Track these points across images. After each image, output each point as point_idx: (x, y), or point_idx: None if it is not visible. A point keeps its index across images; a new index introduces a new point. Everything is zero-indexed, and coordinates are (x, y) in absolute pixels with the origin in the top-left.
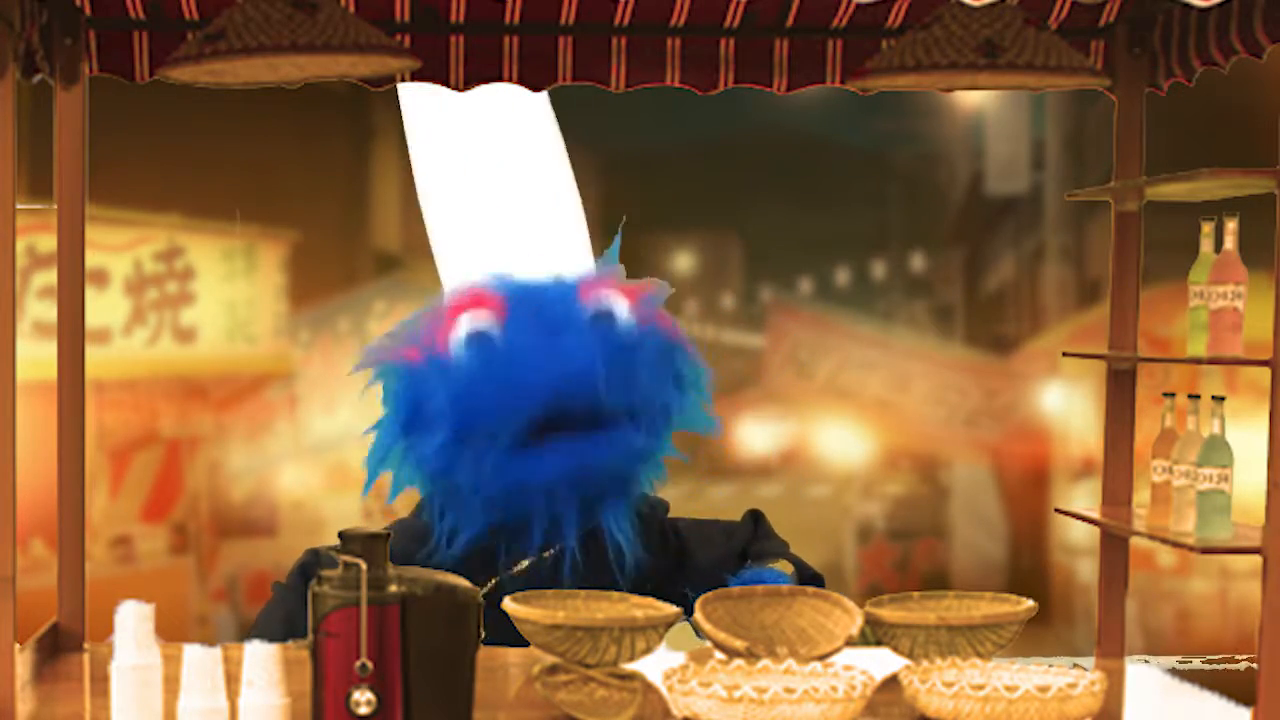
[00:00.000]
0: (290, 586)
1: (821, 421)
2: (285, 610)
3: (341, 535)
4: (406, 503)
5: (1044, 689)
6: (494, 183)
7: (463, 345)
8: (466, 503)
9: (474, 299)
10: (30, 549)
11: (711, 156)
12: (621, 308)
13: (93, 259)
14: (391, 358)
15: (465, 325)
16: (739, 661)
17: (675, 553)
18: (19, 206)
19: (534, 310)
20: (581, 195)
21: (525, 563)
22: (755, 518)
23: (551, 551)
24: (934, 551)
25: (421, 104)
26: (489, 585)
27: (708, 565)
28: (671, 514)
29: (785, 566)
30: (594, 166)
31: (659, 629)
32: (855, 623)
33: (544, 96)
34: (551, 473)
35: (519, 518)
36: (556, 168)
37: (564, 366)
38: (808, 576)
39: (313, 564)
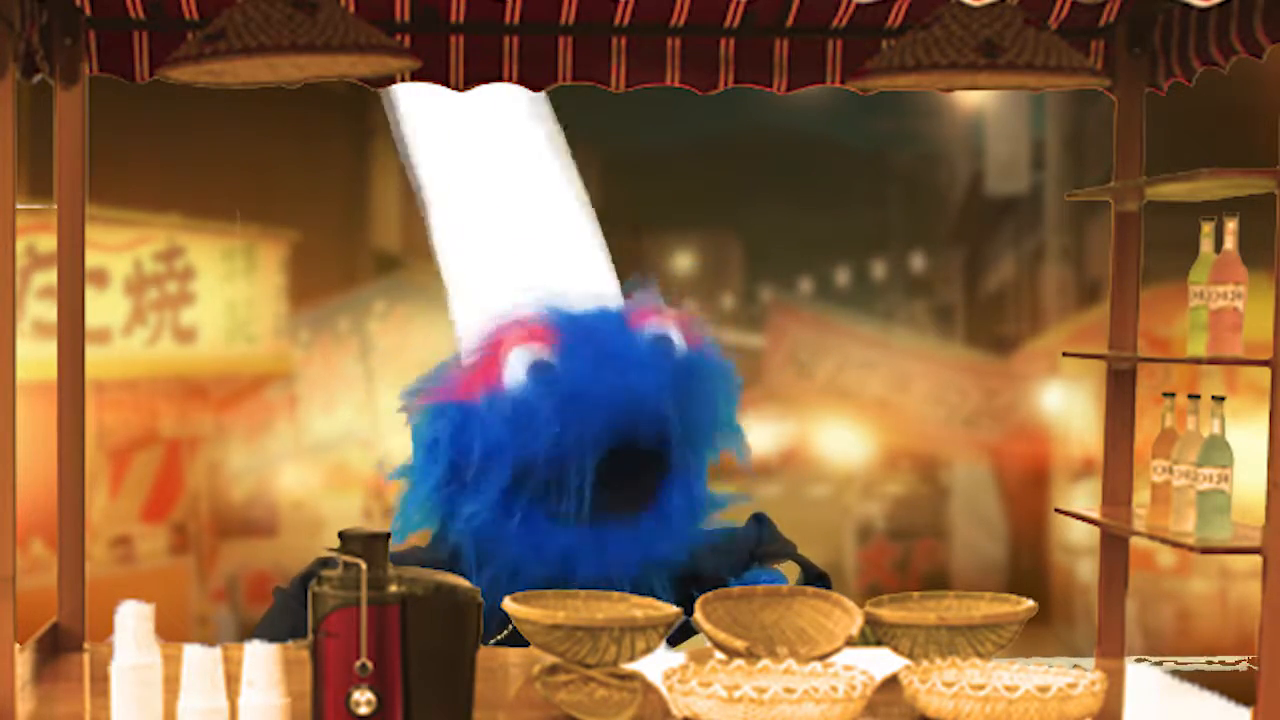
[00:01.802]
0: (294, 595)
1: (821, 421)
2: (291, 621)
3: (341, 535)
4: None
5: (1044, 689)
6: (499, 192)
7: (520, 377)
8: (511, 571)
9: (521, 329)
10: (30, 549)
11: (711, 156)
12: (676, 336)
13: (93, 259)
14: (435, 399)
15: (519, 357)
16: (739, 661)
17: (683, 567)
18: (19, 206)
19: (590, 340)
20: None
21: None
22: (760, 521)
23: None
24: (934, 551)
25: (420, 109)
26: (506, 632)
27: (713, 572)
28: None
29: (790, 569)
30: (594, 166)
31: (659, 629)
32: (855, 623)
33: (543, 99)
34: (609, 564)
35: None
36: (561, 173)
37: (632, 396)
38: (813, 576)
39: (318, 575)
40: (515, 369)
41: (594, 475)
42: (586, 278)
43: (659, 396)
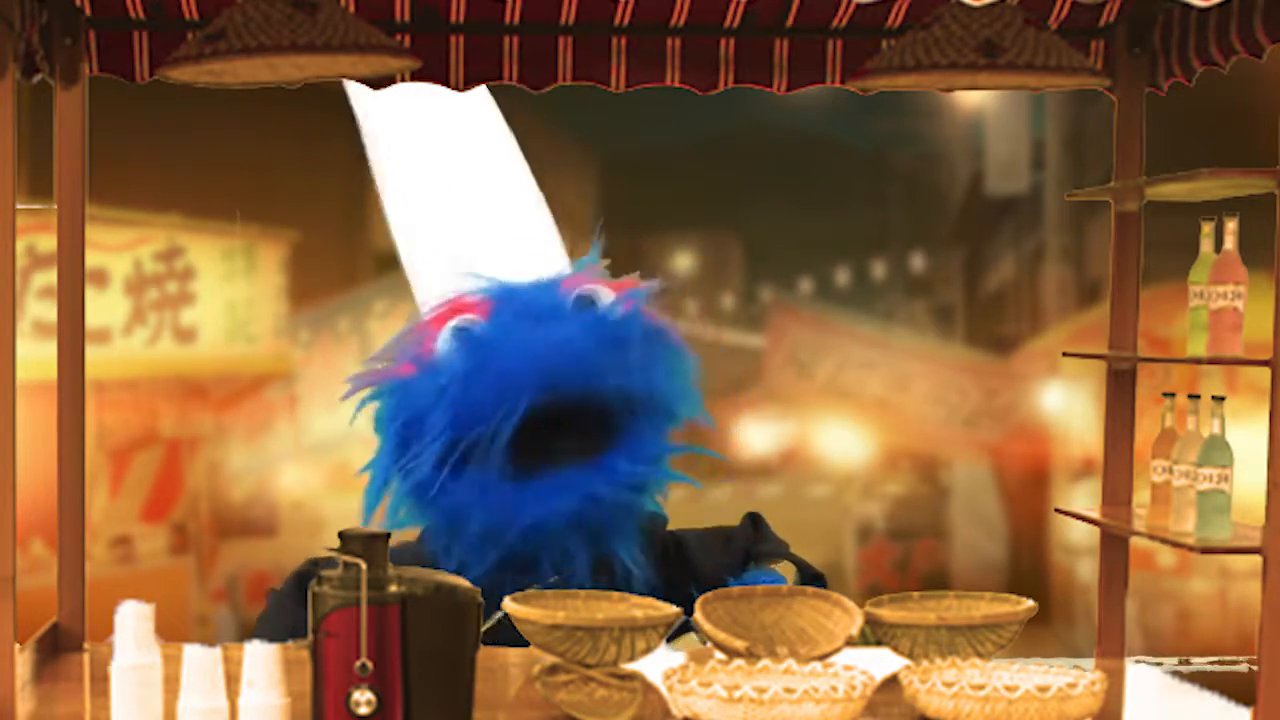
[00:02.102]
0: (289, 595)
1: (821, 421)
2: (288, 623)
3: (341, 535)
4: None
5: (1044, 689)
6: (455, 187)
7: (448, 345)
8: (472, 539)
9: (455, 305)
10: (30, 549)
11: (711, 156)
12: (605, 293)
13: (93, 259)
14: (378, 379)
15: (448, 328)
16: (739, 661)
17: (678, 566)
18: (19, 206)
19: (517, 304)
20: (581, 195)
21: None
22: (754, 520)
23: (557, 579)
24: (934, 551)
25: (371, 110)
26: (495, 618)
27: (711, 573)
28: (673, 515)
29: (785, 569)
30: (594, 166)
31: (659, 629)
32: (855, 623)
33: (485, 94)
34: (558, 509)
35: (526, 552)
36: (512, 165)
37: (555, 352)
38: (809, 576)
39: (310, 574)
40: (443, 339)
41: (525, 424)
42: (540, 265)
43: (580, 346)
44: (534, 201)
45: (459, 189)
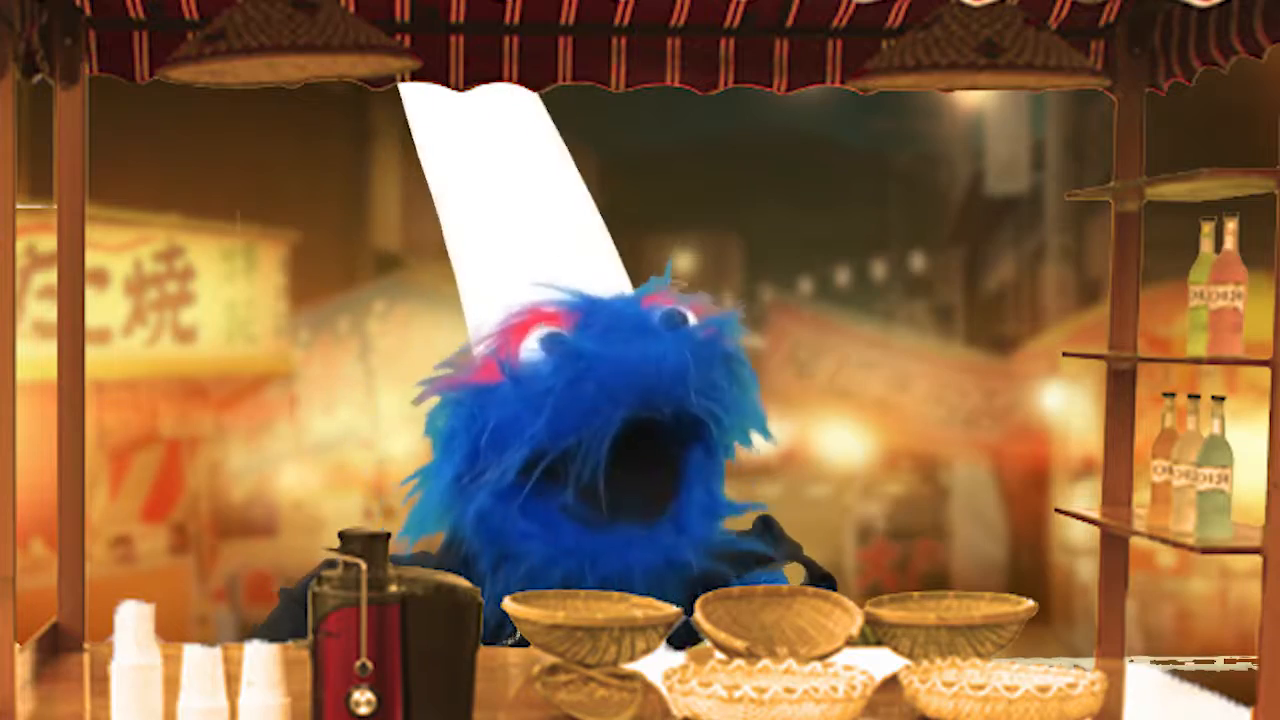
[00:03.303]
0: (299, 599)
1: (821, 421)
2: (295, 624)
3: (341, 535)
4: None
5: (1044, 689)
6: (510, 190)
7: (539, 353)
8: (532, 575)
9: (536, 315)
10: (30, 549)
11: (711, 156)
12: (689, 313)
13: (93, 259)
14: (456, 384)
15: (534, 337)
16: (739, 661)
17: (696, 569)
18: (19, 206)
19: (605, 318)
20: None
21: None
22: (766, 523)
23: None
24: (934, 551)
25: (427, 108)
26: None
27: (720, 578)
28: None
29: (795, 571)
30: (594, 166)
31: (659, 629)
32: (855, 623)
33: (536, 100)
34: (637, 563)
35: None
36: (568, 171)
37: (653, 366)
38: (817, 576)
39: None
40: (530, 347)
41: (612, 452)
42: (598, 276)
43: (675, 362)
44: (591, 216)
45: (515, 199)
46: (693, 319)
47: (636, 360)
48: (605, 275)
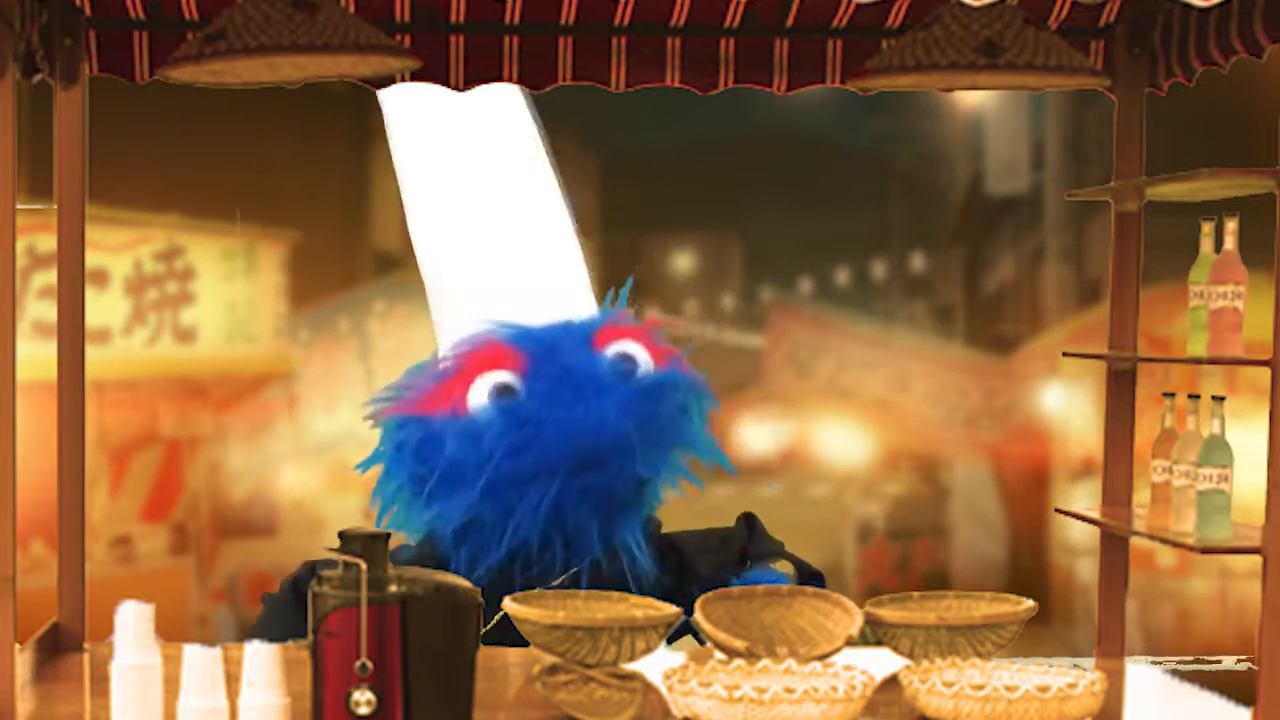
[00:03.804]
0: (283, 600)
1: (821, 421)
2: (283, 628)
3: (341, 535)
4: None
5: (1044, 689)
6: (482, 195)
7: (487, 408)
8: (486, 532)
9: (490, 352)
10: (30, 549)
11: (711, 156)
12: (640, 353)
13: (93, 259)
14: (403, 410)
15: (485, 385)
16: (739, 661)
17: (676, 568)
18: (19, 206)
19: (556, 366)
20: (581, 195)
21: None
22: (749, 520)
23: (564, 578)
24: (934, 551)
25: (409, 110)
26: (497, 619)
27: (709, 573)
28: (673, 515)
29: (785, 566)
30: (594, 166)
31: (659, 629)
32: (855, 623)
33: (521, 100)
34: (570, 500)
35: (537, 541)
36: (542, 180)
37: (593, 435)
38: (807, 575)
39: (306, 579)
40: (479, 392)
41: (543, 522)
42: (564, 283)
43: (618, 429)
44: (563, 221)
45: (487, 205)
46: (643, 360)
47: (579, 425)
48: (571, 284)
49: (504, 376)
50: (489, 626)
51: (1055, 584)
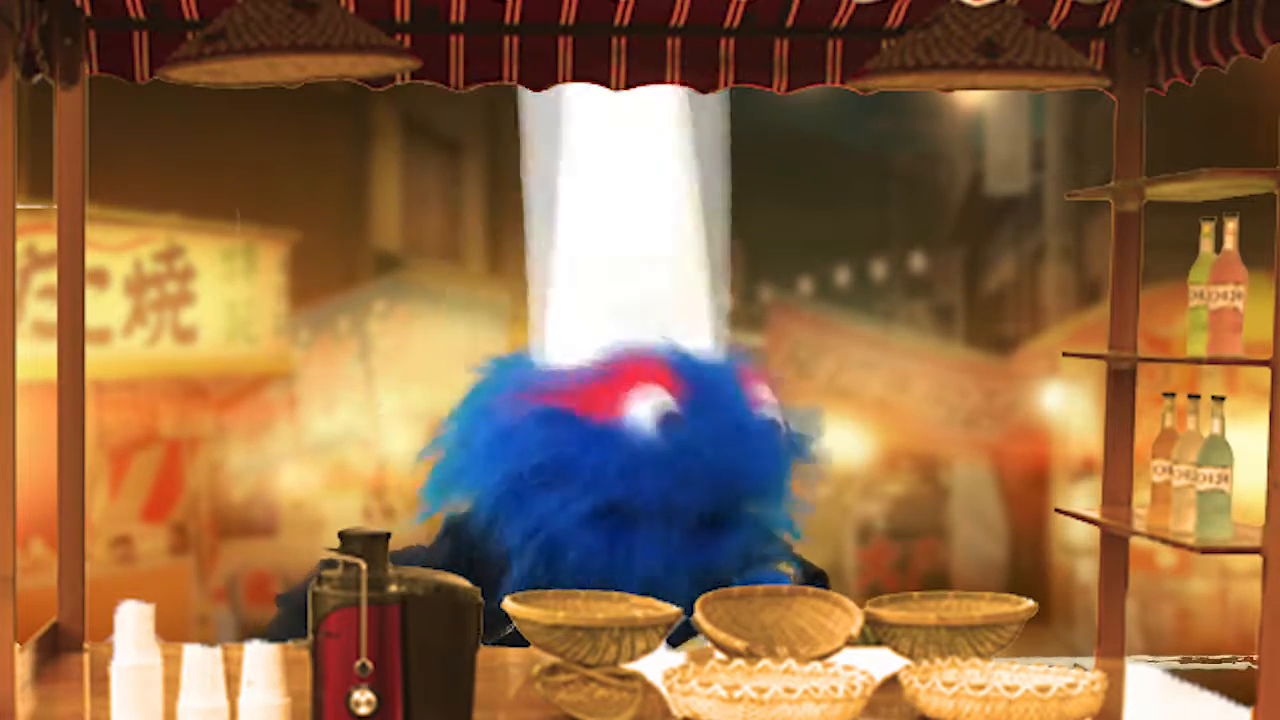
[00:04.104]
0: (298, 605)
1: (821, 421)
2: (299, 633)
3: (341, 535)
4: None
5: (1044, 689)
6: (623, 203)
7: (645, 418)
8: (563, 566)
9: (647, 368)
10: (30, 549)
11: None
12: (774, 405)
13: (93, 259)
14: (537, 398)
15: (644, 398)
16: (739, 661)
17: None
18: (19, 206)
19: (714, 405)
20: None
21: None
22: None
23: None
24: (934, 551)
25: (586, 110)
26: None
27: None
28: None
29: (786, 568)
30: None
31: (659, 629)
32: (855, 623)
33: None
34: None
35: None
36: (686, 203)
37: (747, 478)
38: (810, 574)
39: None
40: (635, 403)
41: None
42: (686, 320)
43: (761, 478)
44: (698, 247)
45: (633, 219)
46: (775, 410)
47: (732, 470)
48: (693, 321)
49: (663, 396)
50: (507, 634)
51: (1055, 584)
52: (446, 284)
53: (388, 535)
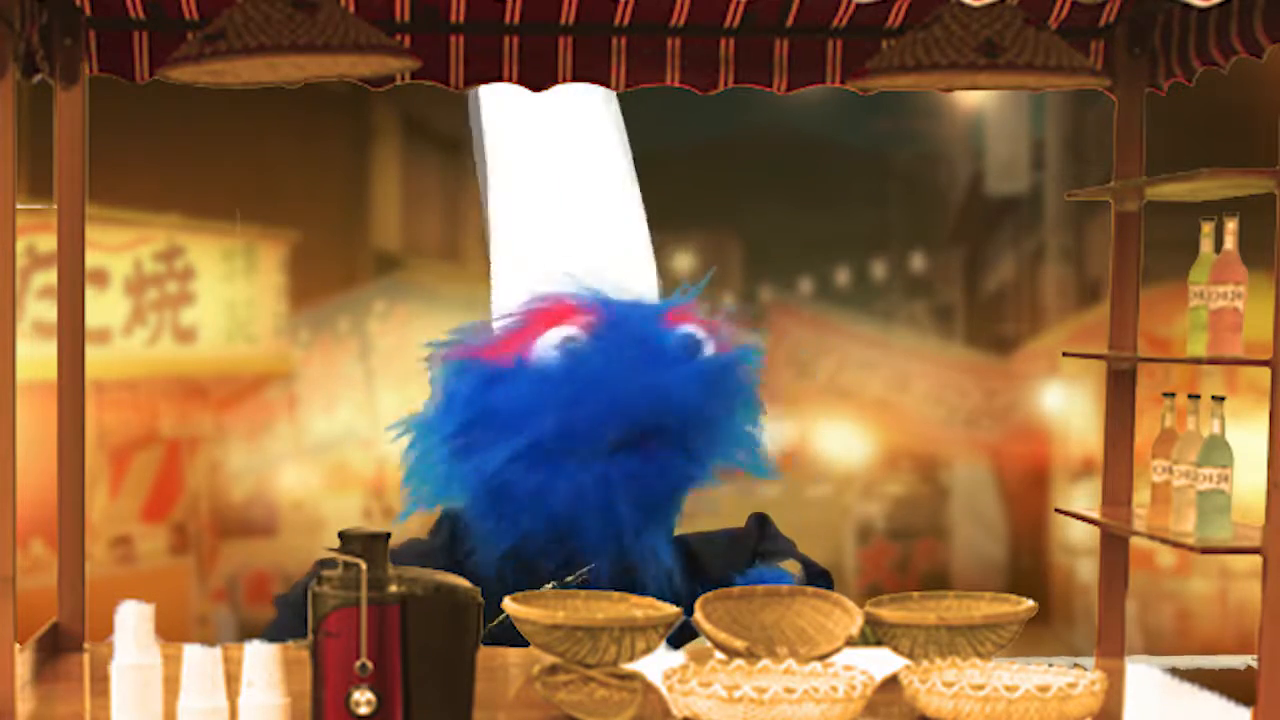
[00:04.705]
0: (301, 604)
1: (821, 421)
2: (301, 628)
3: (341, 535)
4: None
5: (1044, 689)
6: (562, 180)
7: (557, 354)
8: (516, 504)
9: (561, 309)
10: (30, 549)
11: (711, 156)
12: (707, 340)
13: (93, 259)
14: (463, 355)
15: (553, 338)
16: (739, 661)
17: (688, 570)
18: (19, 206)
19: (622, 327)
20: None
21: (550, 585)
22: (760, 520)
23: (576, 576)
24: (934, 551)
25: (500, 106)
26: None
27: (719, 574)
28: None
29: (792, 566)
30: None
31: (659, 629)
32: (855, 623)
33: (613, 101)
34: (611, 483)
35: (559, 529)
36: (622, 173)
37: (661, 398)
38: (814, 574)
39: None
40: (547, 342)
41: (595, 479)
42: (631, 275)
43: (682, 397)
44: (636, 212)
45: (566, 188)
46: (709, 346)
47: (642, 390)
48: (638, 277)
49: (573, 332)
50: (493, 624)
51: (1055, 584)
52: (446, 284)
53: (388, 535)
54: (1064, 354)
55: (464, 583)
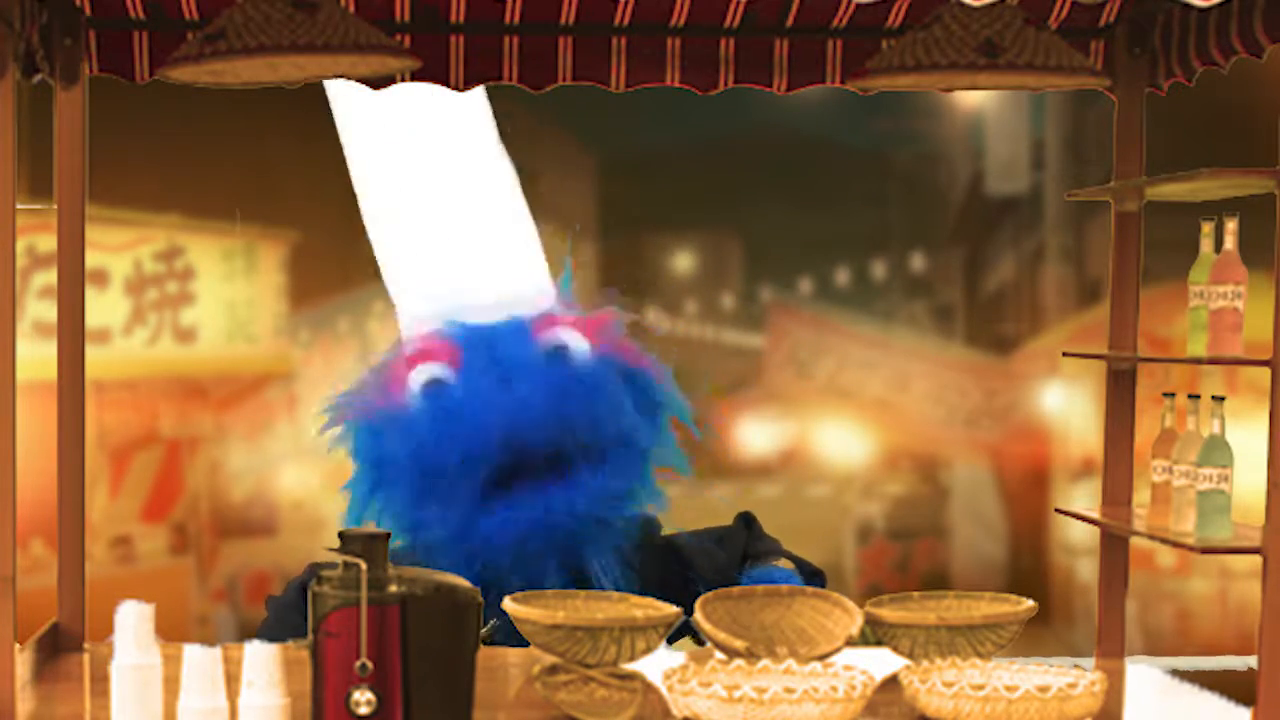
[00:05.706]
0: (291, 604)
1: (821, 421)
2: (290, 630)
3: (341, 535)
4: None
5: (1044, 689)
6: (437, 196)
7: (418, 397)
8: (446, 558)
9: (425, 349)
10: (30, 549)
11: (711, 156)
12: (576, 341)
13: (93, 259)
14: (354, 414)
15: (420, 375)
16: (739, 661)
17: (677, 571)
18: (19, 206)
19: (487, 356)
20: (582, 195)
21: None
22: (747, 520)
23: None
24: (934, 551)
25: (352, 108)
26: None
27: (711, 574)
28: (671, 515)
29: (787, 564)
30: (594, 166)
31: (659, 629)
32: (855, 623)
33: (481, 96)
34: (519, 526)
35: (497, 572)
36: (497, 170)
37: (518, 413)
38: (808, 574)
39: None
40: (414, 386)
41: (491, 488)
42: (521, 274)
43: (542, 408)
44: (518, 210)
45: (441, 198)
46: (579, 346)
47: (503, 408)
48: (528, 274)
49: (436, 370)
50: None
51: (1055, 584)
52: None
53: (388, 535)
54: (1064, 354)
55: (464, 583)
